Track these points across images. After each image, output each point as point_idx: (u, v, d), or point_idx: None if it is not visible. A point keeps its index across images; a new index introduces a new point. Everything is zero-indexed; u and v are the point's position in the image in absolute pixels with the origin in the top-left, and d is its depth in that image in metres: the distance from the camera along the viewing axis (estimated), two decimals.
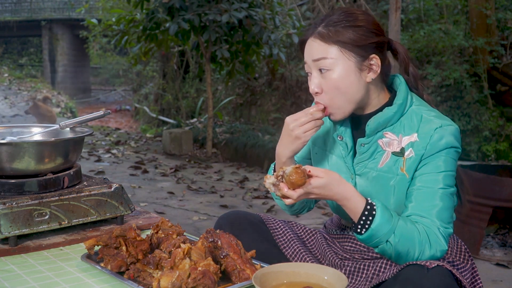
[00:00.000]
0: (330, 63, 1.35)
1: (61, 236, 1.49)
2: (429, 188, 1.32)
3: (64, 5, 20.70)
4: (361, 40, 1.34)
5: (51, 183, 1.51)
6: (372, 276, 1.40)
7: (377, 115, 1.39)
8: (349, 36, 1.34)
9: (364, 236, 1.29)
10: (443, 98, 6.37)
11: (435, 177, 1.33)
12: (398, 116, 1.39)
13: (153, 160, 6.42)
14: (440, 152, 1.34)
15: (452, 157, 1.35)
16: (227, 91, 9.43)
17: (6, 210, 1.38)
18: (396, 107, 1.38)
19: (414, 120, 1.38)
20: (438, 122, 1.35)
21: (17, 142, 1.51)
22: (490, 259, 3.31)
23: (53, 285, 1.22)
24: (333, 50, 1.35)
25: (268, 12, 6.09)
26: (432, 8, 7.27)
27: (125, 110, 16.34)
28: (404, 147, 1.36)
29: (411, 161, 1.35)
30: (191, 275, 1.11)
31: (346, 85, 1.36)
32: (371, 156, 1.41)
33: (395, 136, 1.38)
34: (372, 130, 1.39)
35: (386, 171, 1.38)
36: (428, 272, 1.19)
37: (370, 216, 1.27)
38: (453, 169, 1.35)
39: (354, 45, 1.34)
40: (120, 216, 1.60)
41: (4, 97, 14.20)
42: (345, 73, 1.35)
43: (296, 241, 1.59)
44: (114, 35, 6.65)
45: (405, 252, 1.27)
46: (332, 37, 1.34)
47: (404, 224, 1.28)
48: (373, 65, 1.37)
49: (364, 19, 1.37)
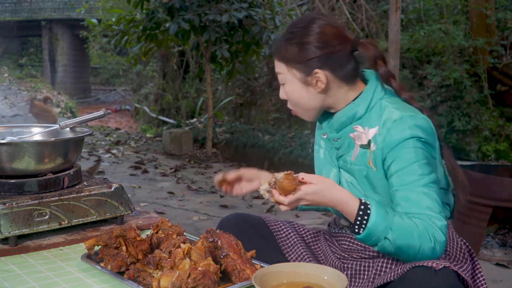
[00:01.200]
0: (282, 78, 1.46)
1: (61, 236, 1.49)
2: (407, 184, 1.33)
3: (64, 5, 20.68)
4: (302, 57, 1.41)
5: (51, 183, 1.51)
6: (374, 277, 1.40)
7: (342, 110, 1.45)
8: (292, 53, 1.41)
9: (362, 236, 1.29)
10: (443, 98, 6.36)
11: (408, 170, 1.33)
12: (364, 109, 1.42)
13: (153, 160, 6.42)
14: (401, 145, 1.34)
15: (418, 147, 1.34)
16: (227, 91, 9.43)
17: (6, 210, 1.38)
18: (359, 100, 1.43)
19: (379, 113, 1.40)
20: (398, 114, 1.36)
21: (17, 142, 1.51)
22: (490, 259, 3.31)
23: (53, 285, 1.22)
24: (282, 66, 1.45)
25: (268, 12, 6.09)
26: (432, 8, 7.27)
27: (125, 110, 16.32)
28: (371, 140, 1.40)
29: (375, 154, 1.39)
30: (191, 275, 1.11)
31: (297, 98, 1.46)
32: (347, 149, 1.46)
33: (363, 129, 1.42)
34: (339, 124, 1.46)
35: (357, 163, 1.43)
36: (435, 274, 1.19)
37: (365, 216, 1.29)
38: (422, 157, 1.34)
39: (296, 62, 1.42)
40: (120, 216, 1.60)
41: (4, 97, 14.19)
42: (293, 88, 1.45)
43: (300, 245, 1.58)
44: (114, 35, 6.65)
45: (405, 246, 1.27)
46: (279, 55, 1.44)
47: (400, 220, 1.29)
48: (320, 78, 1.41)
49: (313, 33, 1.40)
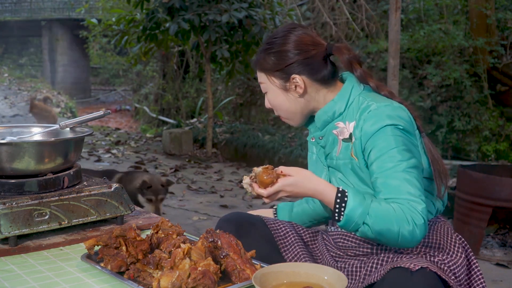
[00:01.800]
0: (264, 87, 1.55)
1: (61, 236, 1.49)
2: (387, 170, 1.36)
3: (64, 5, 20.67)
4: (278, 65, 1.49)
5: (51, 183, 1.51)
6: (364, 277, 1.42)
7: (322, 109, 1.52)
8: (269, 62, 1.50)
9: (342, 223, 1.34)
10: (443, 98, 6.36)
11: (387, 157, 1.37)
12: (343, 105, 1.49)
13: (153, 160, 6.42)
14: (378, 132, 1.38)
15: (395, 134, 1.38)
16: (227, 91, 9.43)
17: (6, 210, 1.38)
18: (337, 98, 1.49)
19: (357, 106, 1.46)
20: (375, 105, 1.42)
21: (17, 142, 1.50)
22: (490, 259, 3.31)
23: (53, 285, 1.22)
24: (262, 75, 1.54)
25: (268, 12, 6.09)
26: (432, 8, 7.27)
27: (125, 110, 16.31)
28: (352, 133, 1.45)
29: (355, 145, 1.44)
30: (191, 275, 1.11)
31: (279, 104, 1.54)
32: (332, 146, 1.51)
33: (344, 124, 1.47)
34: (322, 123, 1.52)
35: (341, 158, 1.48)
36: (411, 276, 1.21)
37: (343, 203, 1.34)
38: (401, 144, 1.37)
39: (274, 70, 1.50)
40: (120, 216, 1.60)
41: (4, 97, 14.19)
42: (274, 95, 1.53)
43: (298, 244, 1.59)
44: (114, 35, 6.65)
45: (384, 230, 1.31)
46: (259, 65, 1.53)
47: (377, 204, 1.32)
48: (298, 83, 1.50)
49: (290, 41, 1.48)
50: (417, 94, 6.45)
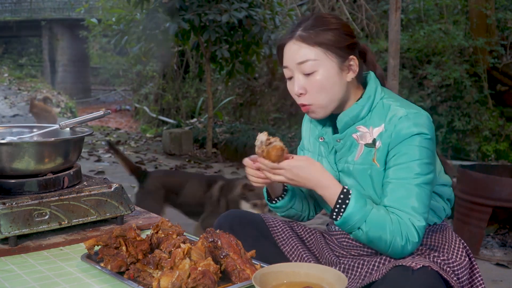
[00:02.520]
0: (313, 64, 1.40)
1: (61, 236, 1.49)
2: (401, 179, 1.35)
3: (64, 5, 20.68)
4: (340, 42, 1.41)
5: (51, 183, 1.51)
6: (365, 275, 1.41)
7: (346, 111, 1.45)
8: (329, 38, 1.40)
9: (338, 222, 1.34)
10: (443, 98, 6.37)
11: (406, 166, 1.36)
12: (367, 109, 1.44)
13: (153, 160, 6.42)
14: (406, 141, 1.36)
15: (421, 145, 1.36)
16: (227, 91, 9.43)
17: (6, 210, 1.38)
18: (363, 101, 1.44)
19: (383, 111, 1.42)
20: (404, 111, 1.39)
21: (17, 142, 1.50)
22: (490, 259, 3.31)
23: (53, 285, 1.22)
24: (316, 51, 1.40)
25: (268, 12, 6.09)
26: (432, 8, 7.27)
27: (125, 110, 16.32)
28: (376, 138, 1.41)
29: (380, 151, 1.40)
30: (191, 275, 1.11)
31: (330, 85, 1.41)
32: (349, 150, 1.46)
33: (366, 129, 1.43)
34: (343, 125, 1.45)
35: (361, 163, 1.43)
36: (412, 274, 1.21)
37: (343, 204, 1.33)
38: (425, 156, 1.36)
39: (335, 47, 1.40)
40: (120, 216, 1.59)
41: (4, 97, 14.20)
42: (329, 74, 1.41)
43: (295, 239, 1.60)
44: (114, 35, 6.65)
45: (376, 238, 1.32)
46: (314, 39, 1.40)
47: (377, 212, 1.32)
48: (352, 65, 1.43)
49: (338, 22, 1.44)
50: (417, 94, 6.45)
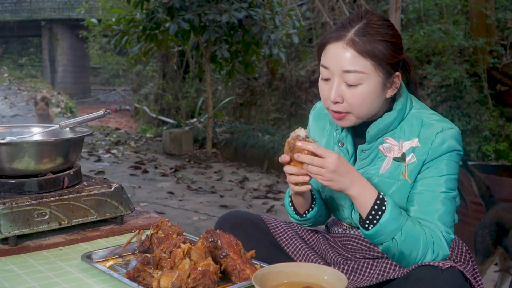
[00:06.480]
0: (360, 78, 1.30)
1: (61, 236, 1.49)
2: (431, 192, 1.33)
3: (64, 5, 20.69)
4: (393, 57, 1.31)
5: (51, 183, 1.51)
6: (377, 277, 1.39)
7: (377, 121, 1.38)
8: (383, 51, 1.29)
9: (370, 232, 1.28)
10: (443, 98, 6.36)
11: (437, 181, 1.33)
12: (398, 121, 1.38)
13: (153, 160, 6.42)
14: (442, 156, 1.34)
15: (454, 160, 1.35)
16: (227, 91, 9.43)
17: (6, 210, 1.38)
18: (395, 112, 1.38)
19: (415, 124, 1.38)
20: (439, 126, 1.35)
21: (17, 142, 1.50)
22: None
23: (53, 285, 1.22)
24: (366, 64, 1.29)
25: (268, 12, 6.09)
26: (432, 8, 7.27)
27: (125, 110, 16.32)
28: (405, 152, 1.36)
29: (412, 166, 1.35)
30: (191, 275, 1.11)
31: (371, 101, 1.33)
32: (372, 162, 1.41)
33: (395, 141, 1.38)
34: (372, 136, 1.39)
35: (388, 176, 1.38)
36: (442, 273, 1.19)
37: (379, 211, 1.27)
38: (455, 172, 1.35)
39: (386, 62, 1.30)
40: (120, 216, 1.60)
41: (4, 97, 14.20)
42: (373, 89, 1.31)
43: (298, 240, 1.58)
44: (114, 35, 6.65)
45: (408, 252, 1.28)
46: (366, 49, 1.28)
47: (412, 224, 1.28)
48: (395, 83, 1.36)
49: (392, 33, 1.32)
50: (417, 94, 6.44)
